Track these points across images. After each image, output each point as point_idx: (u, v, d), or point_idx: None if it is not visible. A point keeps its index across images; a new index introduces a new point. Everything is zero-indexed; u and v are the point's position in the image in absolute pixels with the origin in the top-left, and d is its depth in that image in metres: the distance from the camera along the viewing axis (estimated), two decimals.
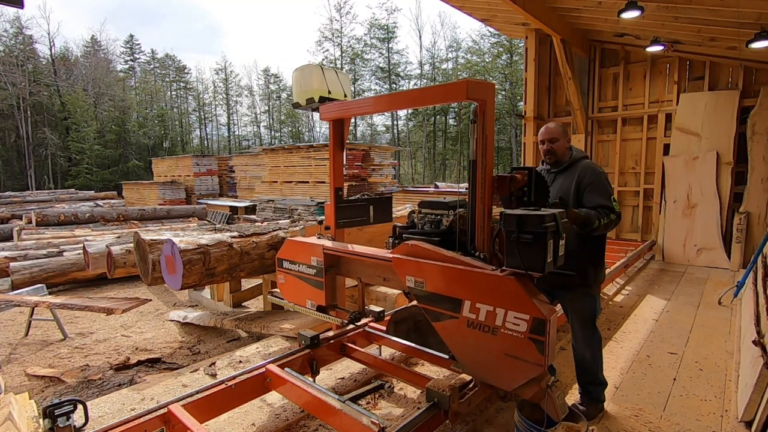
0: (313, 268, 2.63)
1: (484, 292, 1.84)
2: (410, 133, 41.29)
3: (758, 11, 4.55)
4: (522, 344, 1.73)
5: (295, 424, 2.53)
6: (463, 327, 1.90)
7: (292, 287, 2.80)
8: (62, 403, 1.81)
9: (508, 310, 1.77)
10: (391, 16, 43.82)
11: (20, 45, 35.36)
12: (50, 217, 10.08)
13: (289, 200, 13.09)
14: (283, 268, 2.84)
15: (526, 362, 1.74)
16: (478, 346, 1.88)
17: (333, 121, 2.79)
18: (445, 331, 1.99)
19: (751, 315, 3.24)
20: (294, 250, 2.77)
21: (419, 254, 2.07)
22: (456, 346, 1.97)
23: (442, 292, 1.97)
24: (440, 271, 1.97)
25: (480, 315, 1.84)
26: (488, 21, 8.00)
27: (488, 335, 1.82)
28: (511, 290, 1.76)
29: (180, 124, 47.28)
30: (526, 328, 1.72)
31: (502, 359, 1.81)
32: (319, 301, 2.63)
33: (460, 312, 1.90)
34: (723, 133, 6.46)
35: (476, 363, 1.93)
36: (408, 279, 2.09)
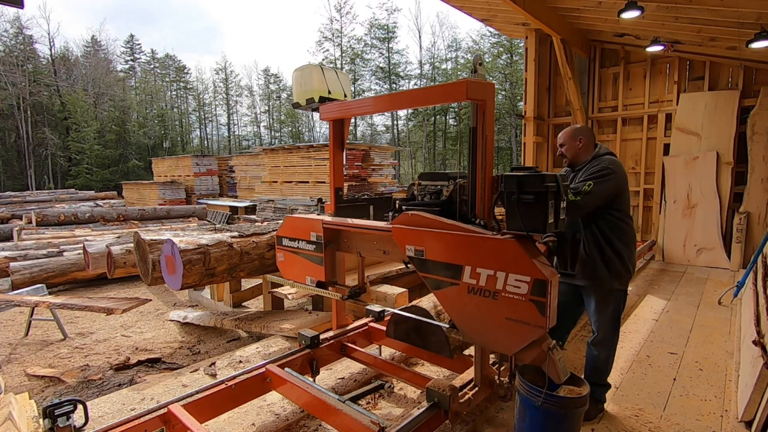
0: (312, 243, 2.62)
1: (484, 256, 1.83)
2: (410, 133, 41.30)
3: (758, 11, 4.55)
4: (523, 307, 1.73)
5: (295, 424, 2.53)
6: (464, 293, 1.90)
7: (291, 264, 2.80)
8: (62, 403, 1.81)
9: (509, 273, 1.76)
10: (391, 16, 43.93)
11: (20, 45, 35.37)
12: (50, 217, 10.09)
13: (289, 200, 13.09)
14: (282, 245, 2.83)
15: (528, 325, 1.73)
16: (478, 312, 1.87)
17: (333, 121, 2.80)
18: (446, 298, 1.98)
19: (751, 315, 3.24)
20: (293, 227, 2.76)
21: (419, 223, 2.07)
22: (456, 314, 1.97)
23: (442, 259, 1.96)
24: (440, 238, 1.97)
25: (480, 280, 1.84)
26: (488, 21, 7.99)
27: (489, 300, 1.82)
28: (512, 253, 1.75)
29: (180, 124, 47.28)
30: (527, 290, 1.71)
31: (503, 324, 1.80)
32: (318, 276, 2.62)
33: (461, 278, 1.90)
34: (723, 133, 6.46)
35: (477, 329, 1.92)
36: (408, 248, 2.09)
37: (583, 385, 2.00)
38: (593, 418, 2.55)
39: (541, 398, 1.90)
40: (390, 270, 4.38)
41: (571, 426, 1.97)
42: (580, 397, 1.95)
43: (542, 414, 1.95)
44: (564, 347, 2.83)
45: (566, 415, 1.94)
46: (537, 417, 1.97)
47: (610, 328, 2.51)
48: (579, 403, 1.95)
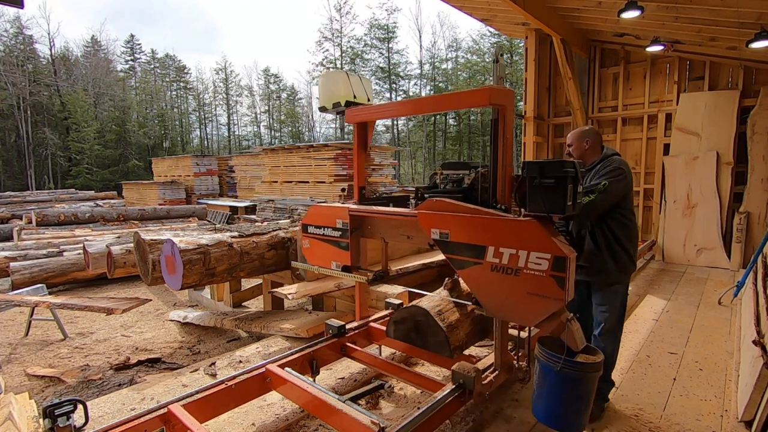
0: (338, 230, 2.74)
1: (507, 237, 1.97)
2: (410, 133, 41.30)
3: (758, 11, 4.55)
4: (544, 282, 1.86)
5: (295, 424, 2.53)
6: (487, 272, 2.03)
7: (316, 251, 2.92)
8: (62, 403, 1.81)
9: (530, 251, 1.89)
10: (391, 16, 43.81)
11: (20, 45, 35.35)
12: (50, 217, 10.09)
13: (289, 200, 13.09)
14: (308, 233, 2.95)
15: (548, 298, 1.86)
16: (501, 288, 2.00)
17: (358, 124, 2.94)
18: (469, 277, 2.12)
19: (751, 315, 3.24)
20: (319, 215, 2.88)
21: (444, 208, 2.20)
22: (480, 291, 2.11)
23: (467, 240, 2.09)
24: (465, 222, 2.11)
25: (503, 259, 1.97)
26: (488, 21, 7.99)
27: (511, 277, 1.95)
28: (534, 233, 1.89)
29: (180, 124, 47.28)
30: (547, 266, 1.84)
31: (525, 298, 1.93)
32: (344, 261, 2.74)
33: (484, 258, 2.03)
34: (723, 133, 6.46)
35: (500, 304, 2.07)
36: (433, 232, 2.23)
37: (597, 354, 2.15)
38: (598, 418, 2.58)
39: (561, 364, 2.06)
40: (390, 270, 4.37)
41: (586, 389, 2.12)
42: (596, 363, 2.10)
43: (561, 379, 2.09)
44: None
45: (583, 379, 2.09)
46: (556, 382, 2.11)
47: (617, 320, 2.59)
48: (595, 368, 2.09)
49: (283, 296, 3.78)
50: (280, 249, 4.38)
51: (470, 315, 2.63)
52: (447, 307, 2.55)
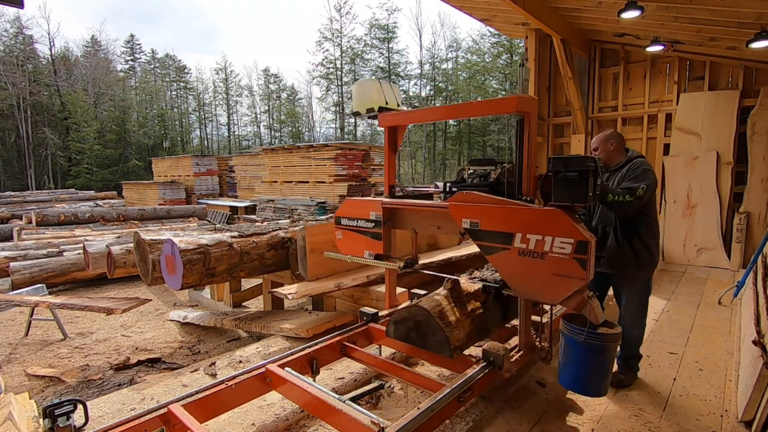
0: (371, 222, 2.95)
1: (533, 224, 2.18)
2: (410, 133, 41.26)
3: (758, 11, 4.55)
4: (568, 264, 2.06)
5: (295, 424, 2.53)
6: (515, 256, 2.24)
7: (349, 241, 3.12)
8: (62, 403, 1.81)
9: (555, 237, 2.10)
10: (392, 16, 43.75)
11: (20, 45, 35.35)
12: (50, 217, 10.09)
13: (289, 200, 13.10)
14: (340, 225, 3.15)
15: (571, 278, 2.07)
16: (528, 271, 2.21)
17: (389, 128, 3.15)
18: (498, 261, 2.34)
19: (751, 315, 3.24)
20: (353, 208, 3.09)
21: (474, 200, 2.42)
22: (508, 274, 2.33)
23: (496, 228, 2.31)
24: (494, 211, 2.33)
25: (530, 244, 2.18)
26: (488, 21, 7.99)
27: (537, 260, 2.17)
28: (559, 220, 2.10)
29: (180, 124, 47.28)
30: (571, 250, 2.05)
31: (550, 279, 2.14)
32: (377, 250, 2.94)
33: (512, 244, 2.25)
34: (723, 133, 6.46)
35: (527, 285, 2.28)
36: (464, 221, 2.44)
37: (615, 327, 2.38)
38: (630, 384, 2.94)
39: (584, 335, 2.33)
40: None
41: (607, 357, 2.39)
42: (615, 333, 2.36)
43: (584, 349, 2.37)
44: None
45: (604, 348, 2.35)
46: (580, 352, 2.40)
47: (638, 309, 2.89)
48: (614, 338, 2.36)
49: (283, 296, 3.77)
50: (280, 249, 4.39)
51: (470, 315, 2.63)
52: (447, 307, 2.55)
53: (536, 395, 2.82)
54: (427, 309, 2.49)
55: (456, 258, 5.08)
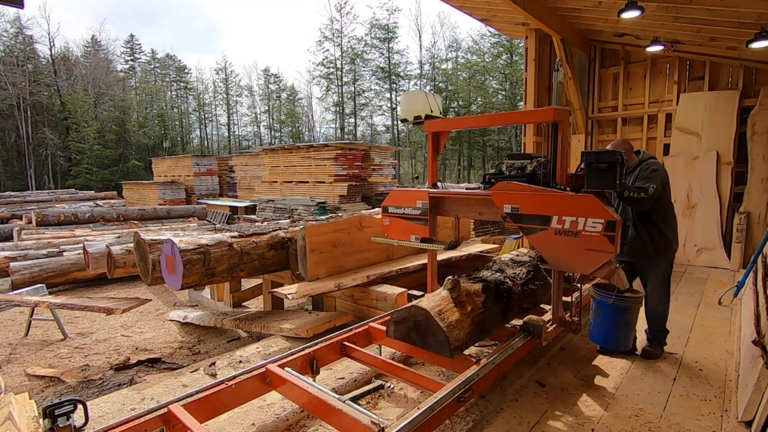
0: (418, 209, 3.32)
1: (568, 208, 2.56)
2: (410, 133, 41.26)
3: (758, 11, 4.55)
4: (598, 240, 2.45)
5: (295, 424, 2.53)
6: (552, 235, 2.62)
7: (396, 227, 3.50)
8: (62, 403, 1.81)
9: (587, 218, 2.48)
10: (392, 16, 43.78)
11: (20, 45, 35.36)
12: (50, 217, 10.09)
13: (289, 200, 13.10)
14: (388, 213, 3.54)
15: (602, 252, 2.45)
16: (563, 247, 2.59)
17: (432, 133, 3.46)
18: (537, 240, 2.70)
19: (751, 315, 3.24)
20: (400, 198, 3.47)
21: (514, 189, 2.80)
22: (546, 250, 2.70)
23: (535, 212, 2.68)
24: (534, 198, 2.70)
25: (565, 225, 2.56)
26: (488, 21, 7.99)
27: (572, 238, 2.55)
28: (591, 204, 2.48)
29: (180, 124, 47.28)
30: (601, 228, 2.43)
31: (583, 253, 2.52)
32: (423, 234, 3.31)
33: (549, 225, 2.62)
34: (723, 133, 6.46)
35: (562, 259, 2.66)
36: (505, 207, 2.80)
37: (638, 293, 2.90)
38: (660, 356, 3.36)
39: (613, 298, 2.87)
40: (390, 270, 4.38)
41: (632, 316, 2.95)
42: (639, 296, 2.92)
43: (613, 310, 2.92)
44: None
45: (629, 308, 2.91)
46: (609, 312, 2.95)
47: (662, 290, 3.31)
48: (638, 300, 2.91)
49: (283, 296, 3.77)
50: (280, 249, 4.38)
51: (470, 315, 2.63)
52: (447, 307, 2.55)
53: (536, 395, 2.82)
54: (427, 309, 2.49)
55: (456, 258, 5.08)
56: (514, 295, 3.02)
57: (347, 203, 12.31)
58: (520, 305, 3.10)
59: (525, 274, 3.25)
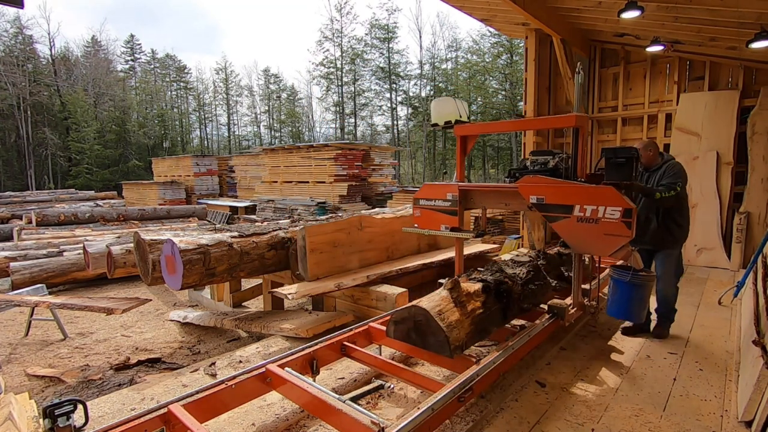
0: (448, 201, 3.65)
1: (589, 198, 2.89)
2: (410, 133, 41.26)
3: (758, 11, 4.55)
4: (616, 225, 2.77)
5: (295, 424, 2.53)
6: (574, 222, 2.95)
7: (427, 218, 3.82)
8: (62, 403, 1.81)
9: (607, 206, 2.79)
10: (392, 16, 43.73)
11: (20, 45, 35.36)
12: (50, 217, 10.09)
13: (289, 200, 13.10)
14: (419, 205, 3.85)
15: (619, 236, 2.76)
16: (584, 233, 2.91)
17: (462, 136, 3.79)
18: (560, 226, 3.02)
19: (751, 315, 3.24)
20: (431, 191, 3.79)
21: (539, 182, 3.14)
22: (569, 236, 3.03)
23: (559, 202, 3.01)
24: (558, 189, 3.04)
25: (586, 213, 2.89)
26: (488, 21, 7.98)
27: (592, 224, 2.87)
28: (610, 194, 2.81)
29: (180, 124, 47.28)
30: (619, 215, 2.75)
31: (603, 237, 2.83)
32: (452, 224, 3.64)
33: (572, 213, 2.95)
34: (723, 133, 6.45)
35: (584, 243, 2.99)
36: (531, 197, 3.13)
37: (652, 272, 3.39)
38: (667, 336, 3.76)
39: (629, 276, 3.26)
40: (390, 270, 4.38)
41: (646, 292, 3.34)
42: (652, 275, 3.38)
43: (629, 286, 3.29)
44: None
45: (643, 285, 3.30)
46: (625, 289, 3.31)
47: (673, 274, 3.71)
48: (651, 278, 3.35)
49: (283, 296, 3.77)
50: (280, 249, 4.39)
51: (470, 315, 2.63)
52: (447, 307, 2.55)
53: (536, 395, 2.82)
54: (427, 309, 2.49)
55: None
56: (514, 295, 3.02)
57: (347, 203, 12.31)
58: (520, 305, 3.10)
59: (525, 274, 3.25)
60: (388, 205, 11.10)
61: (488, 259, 5.18)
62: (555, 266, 4.01)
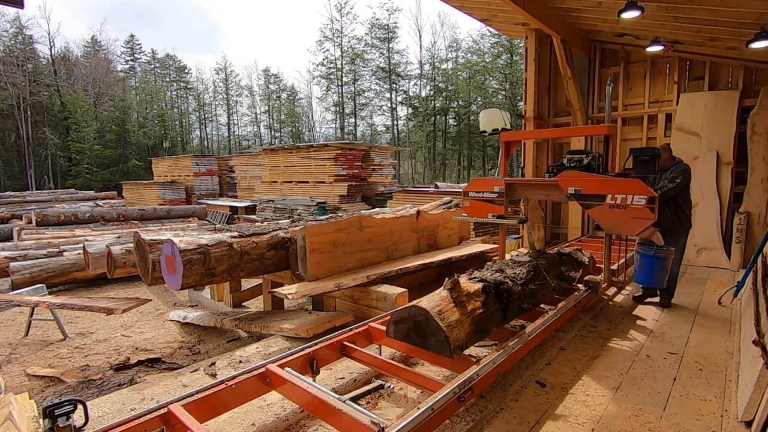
0: (495, 193, 4.35)
1: (620, 188, 3.61)
2: (410, 133, 41.28)
3: (758, 11, 4.55)
4: (642, 210, 3.51)
5: (295, 424, 2.53)
6: (606, 208, 3.68)
7: (476, 207, 4.53)
8: (62, 403, 1.81)
9: (634, 195, 3.52)
10: (392, 16, 43.77)
11: (20, 45, 35.37)
12: (50, 217, 10.09)
13: (289, 200, 13.09)
14: (468, 196, 4.57)
15: (645, 219, 3.50)
16: (615, 217, 3.64)
17: (505, 142, 4.65)
18: (595, 212, 3.78)
19: (751, 315, 3.24)
20: (480, 185, 4.53)
21: (576, 176, 3.91)
22: (602, 219, 3.78)
23: (594, 192, 3.75)
24: (593, 182, 3.78)
25: (617, 200, 3.61)
26: (488, 21, 7.99)
27: (621, 209, 3.59)
28: (637, 185, 3.54)
29: (180, 124, 47.28)
30: (644, 202, 3.48)
31: (631, 220, 3.57)
32: (499, 212, 4.34)
33: (605, 201, 3.69)
34: (723, 133, 6.45)
35: (614, 225, 3.73)
36: (570, 189, 3.86)
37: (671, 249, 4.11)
38: (670, 306, 4.56)
39: (654, 251, 4.06)
40: (390, 270, 4.38)
41: (667, 264, 4.15)
42: (672, 249, 4.13)
43: (653, 259, 4.11)
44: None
45: (665, 258, 4.11)
46: (650, 261, 4.14)
47: (679, 256, 4.48)
48: (671, 253, 4.12)
49: (283, 296, 3.77)
50: (280, 249, 4.38)
51: (470, 315, 2.63)
52: (447, 307, 2.55)
53: (536, 395, 2.82)
54: (427, 309, 2.49)
55: (456, 258, 5.08)
56: (514, 295, 3.02)
57: (347, 203, 12.31)
58: (520, 305, 3.10)
59: (525, 274, 3.25)
60: (388, 205, 11.10)
61: (488, 259, 5.18)
62: (555, 266, 4.01)
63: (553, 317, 3.28)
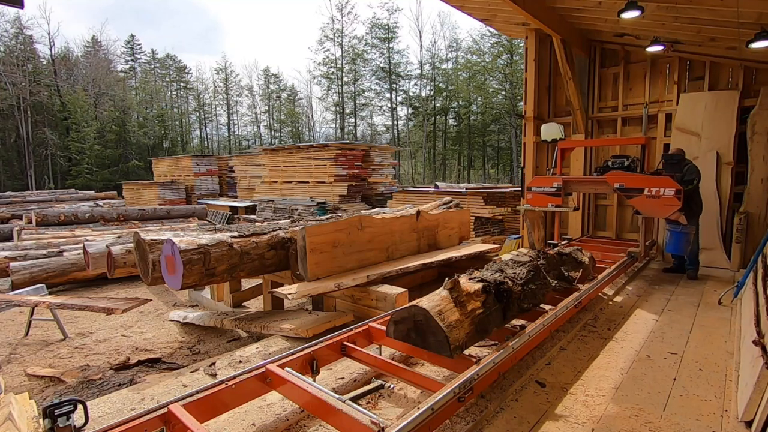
0: (554, 187, 5.86)
1: (655, 183, 5.05)
2: (410, 133, 41.29)
3: (758, 11, 4.55)
4: (671, 199, 4.95)
5: (295, 424, 2.53)
6: (644, 198, 5.13)
7: (538, 199, 6.04)
8: (62, 403, 1.81)
9: (665, 188, 4.97)
10: (392, 16, 43.66)
11: (20, 45, 35.37)
12: (50, 217, 10.09)
13: (289, 200, 13.09)
14: (531, 191, 6.07)
15: (673, 205, 4.94)
16: (651, 204, 5.09)
17: (561, 148, 6.16)
18: (635, 201, 5.23)
19: (751, 315, 3.24)
20: (541, 181, 6.05)
21: (621, 174, 5.37)
22: (641, 206, 5.23)
23: (635, 186, 5.20)
24: (635, 179, 5.26)
25: (652, 192, 5.05)
26: (488, 21, 7.99)
27: (656, 199, 5.04)
28: (668, 181, 5.02)
29: (180, 124, 47.30)
30: (673, 193, 4.95)
31: (662, 206, 5.03)
32: (556, 203, 5.85)
33: (643, 192, 5.14)
34: (723, 133, 6.45)
35: (650, 210, 5.19)
36: (616, 184, 5.33)
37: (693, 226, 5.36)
38: (697, 277, 5.66)
39: (681, 227, 5.26)
40: (390, 270, 4.38)
41: (691, 237, 5.35)
42: (695, 226, 5.36)
43: (681, 233, 5.33)
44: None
45: (689, 233, 5.32)
46: (679, 235, 5.35)
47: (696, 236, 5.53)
48: (694, 230, 5.36)
49: (283, 296, 3.77)
50: (280, 249, 4.39)
51: (470, 315, 2.63)
52: (447, 307, 2.55)
53: (536, 395, 2.82)
54: (427, 309, 2.48)
55: (456, 258, 5.08)
56: (514, 295, 3.02)
57: (347, 203, 12.31)
58: (520, 305, 3.10)
59: (525, 274, 3.25)
60: (388, 205, 11.10)
61: (488, 259, 5.18)
62: (555, 266, 4.01)
63: (553, 317, 3.28)
